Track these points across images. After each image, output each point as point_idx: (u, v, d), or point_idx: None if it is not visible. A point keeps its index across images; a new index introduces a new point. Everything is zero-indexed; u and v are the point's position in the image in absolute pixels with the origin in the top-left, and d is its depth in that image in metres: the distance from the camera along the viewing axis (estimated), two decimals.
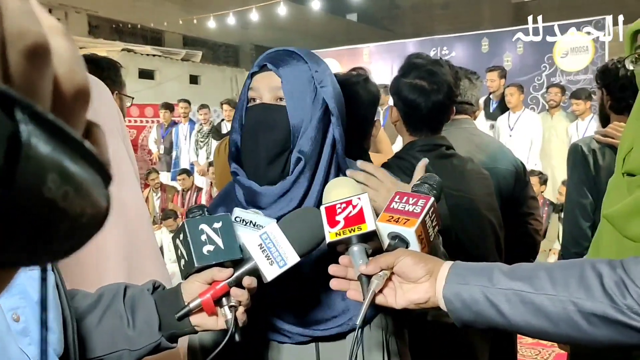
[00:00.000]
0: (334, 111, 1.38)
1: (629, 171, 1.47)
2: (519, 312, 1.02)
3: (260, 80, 1.36)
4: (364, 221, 1.12)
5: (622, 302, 0.96)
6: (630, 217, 1.39)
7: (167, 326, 1.14)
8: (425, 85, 2.09)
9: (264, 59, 1.38)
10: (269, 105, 1.35)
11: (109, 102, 1.96)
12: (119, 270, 1.70)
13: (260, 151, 1.34)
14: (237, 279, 1.13)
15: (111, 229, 1.74)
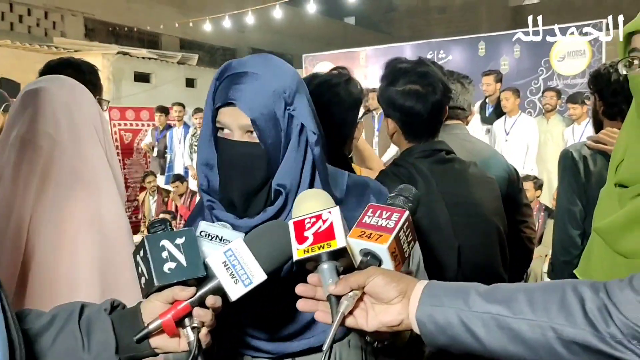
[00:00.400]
0: (313, 131, 1.29)
1: (620, 182, 1.40)
2: (496, 338, 0.95)
3: (227, 116, 1.25)
4: (334, 237, 1.04)
5: (605, 330, 0.89)
6: (621, 231, 1.32)
7: (124, 349, 1.06)
8: (419, 89, 2.01)
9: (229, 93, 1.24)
10: (243, 143, 1.25)
11: (90, 108, 1.90)
12: (92, 283, 1.64)
13: (238, 189, 1.27)
14: (200, 298, 1.05)
15: (85, 241, 1.67)
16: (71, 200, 1.68)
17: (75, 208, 1.68)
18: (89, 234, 1.67)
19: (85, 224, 1.67)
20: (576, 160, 2.38)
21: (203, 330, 1.06)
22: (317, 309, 1.07)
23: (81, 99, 1.88)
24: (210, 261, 1.07)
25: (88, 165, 1.77)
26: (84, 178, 1.72)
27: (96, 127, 1.87)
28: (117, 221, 1.77)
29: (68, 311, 1.10)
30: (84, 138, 1.79)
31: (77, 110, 1.81)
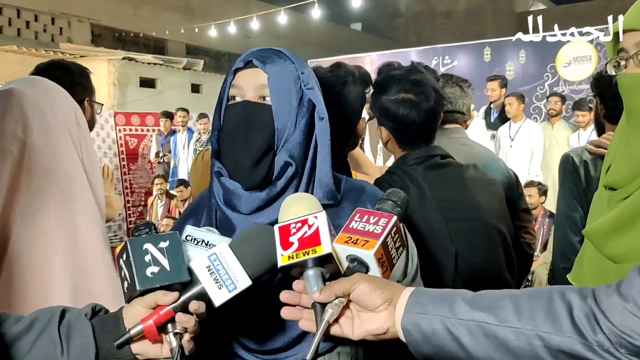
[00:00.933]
0: (323, 115, 1.31)
1: (608, 184, 1.36)
2: (482, 346, 0.93)
3: (244, 77, 1.29)
4: (320, 243, 1.02)
5: (593, 338, 0.86)
6: (609, 235, 1.28)
7: (105, 354, 1.04)
8: (412, 97, 1.98)
9: (250, 55, 1.30)
10: (253, 103, 1.27)
11: (65, 111, 1.82)
12: (64, 291, 1.59)
13: (243, 152, 1.26)
14: (184, 303, 1.03)
15: (57, 249, 1.61)
16: (43, 206, 1.62)
17: (46, 214, 1.62)
18: (61, 241, 1.61)
19: (57, 231, 1.61)
20: (577, 165, 2.34)
21: (186, 337, 1.04)
22: (302, 317, 1.04)
23: (55, 101, 1.80)
24: (194, 265, 1.05)
25: (61, 170, 1.70)
26: (57, 183, 1.66)
27: (71, 130, 1.79)
28: (91, 228, 1.71)
29: (48, 316, 1.08)
30: (58, 142, 1.72)
31: (51, 113, 1.74)
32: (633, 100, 1.27)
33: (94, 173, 1.83)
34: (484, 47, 10.33)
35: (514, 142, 7.41)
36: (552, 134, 7.67)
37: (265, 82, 1.27)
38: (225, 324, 1.22)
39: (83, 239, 1.65)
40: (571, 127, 7.70)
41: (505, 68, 9.85)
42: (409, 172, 1.97)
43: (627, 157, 1.30)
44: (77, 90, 2.40)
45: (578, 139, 7.16)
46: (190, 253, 1.09)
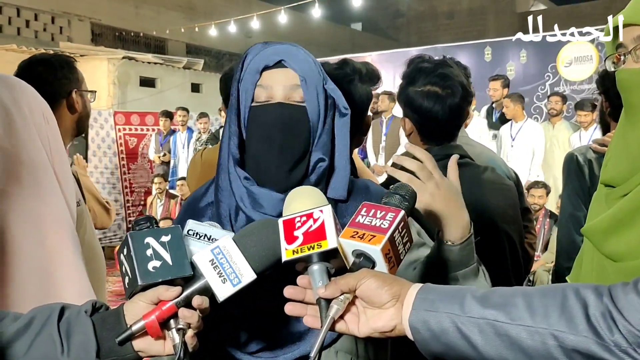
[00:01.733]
0: (346, 110, 1.30)
1: (606, 181, 1.34)
2: (493, 345, 0.90)
3: (274, 77, 1.26)
4: (325, 237, 0.99)
5: (609, 338, 0.83)
6: (607, 233, 1.26)
7: (106, 352, 1.01)
8: (438, 91, 1.98)
9: (278, 54, 1.27)
10: (288, 105, 1.25)
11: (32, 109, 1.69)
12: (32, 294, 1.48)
13: (280, 156, 1.24)
14: (187, 298, 1.01)
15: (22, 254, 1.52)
16: (7, 210, 1.52)
17: (11, 217, 1.52)
18: (28, 246, 1.51)
19: (23, 235, 1.51)
20: (581, 165, 2.32)
21: (189, 333, 1.01)
22: (306, 313, 1.01)
23: (21, 98, 1.68)
24: (197, 259, 1.02)
25: (28, 171, 1.59)
26: (22, 185, 1.56)
27: (38, 129, 1.68)
28: (59, 232, 1.61)
29: (47, 313, 1.05)
30: (24, 141, 1.61)
31: (17, 112, 1.63)
32: (630, 95, 1.25)
33: (64, 172, 1.72)
34: (485, 47, 10.32)
35: (515, 142, 7.40)
36: (553, 133, 7.66)
37: (297, 82, 1.26)
38: (227, 320, 1.20)
39: (51, 243, 1.55)
40: (572, 127, 7.69)
41: (506, 68, 9.83)
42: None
43: (624, 153, 1.28)
44: (62, 83, 2.37)
45: (579, 139, 7.14)
46: (193, 247, 1.07)
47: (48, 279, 1.49)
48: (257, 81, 1.26)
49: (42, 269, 1.50)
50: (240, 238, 1.05)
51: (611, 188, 1.33)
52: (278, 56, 1.26)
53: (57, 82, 2.35)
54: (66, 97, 2.39)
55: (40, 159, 1.61)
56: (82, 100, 2.45)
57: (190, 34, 17.26)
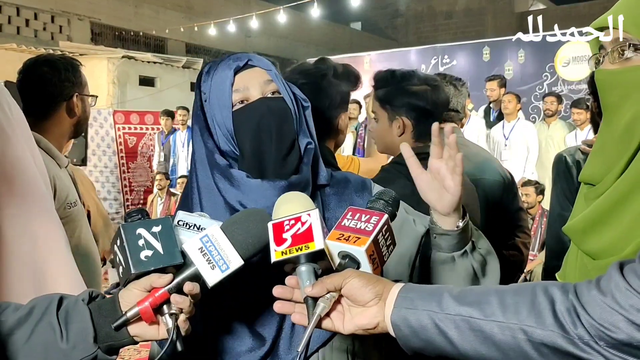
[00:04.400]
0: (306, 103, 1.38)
1: (584, 180, 1.38)
2: (468, 340, 0.96)
3: (248, 77, 1.33)
4: (312, 239, 1.05)
5: (573, 332, 0.89)
6: (586, 231, 1.30)
7: (103, 337, 1.06)
8: (430, 88, 2.17)
9: (243, 58, 1.34)
10: (269, 99, 1.32)
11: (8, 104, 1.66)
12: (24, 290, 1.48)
13: (276, 146, 1.30)
14: (178, 285, 1.06)
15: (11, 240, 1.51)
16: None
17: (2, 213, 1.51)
18: (17, 240, 1.51)
19: (13, 230, 1.51)
20: (569, 165, 2.36)
21: (181, 317, 1.06)
22: (294, 310, 1.07)
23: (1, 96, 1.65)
24: (187, 247, 1.07)
25: (15, 168, 1.58)
26: (9, 180, 1.55)
27: (20, 124, 1.66)
28: (47, 225, 1.61)
29: (46, 303, 1.10)
30: (9, 138, 1.59)
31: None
32: (605, 95, 1.29)
33: (41, 167, 1.71)
34: (483, 46, 10.36)
35: (508, 142, 7.43)
36: (549, 133, 7.68)
37: (268, 77, 1.33)
38: (218, 318, 1.26)
39: (40, 237, 1.56)
40: (568, 127, 7.72)
41: (505, 68, 9.87)
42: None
43: (600, 152, 1.32)
44: (65, 86, 2.39)
45: (575, 139, 7.17)
46: (183, 237, 1.12)
47: (41, 273, 1.51)
48: (232, 85, 1.31)
49: (33, 264, 1.52)
50: (228, 226, 1.10)
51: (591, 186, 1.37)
52: (246, 58, 1.34)
53: (60, 84, 2.37)
54: (67, 100, 2.41)
55: (24, 157, 1.62)
56: (83, 104, 2.47)
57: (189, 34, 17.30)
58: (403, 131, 2.19)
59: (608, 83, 1.27)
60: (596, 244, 1.27)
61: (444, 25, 23.45)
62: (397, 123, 2.19)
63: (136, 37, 17.71)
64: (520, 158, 7.42)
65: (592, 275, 0.95)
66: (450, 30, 22.68)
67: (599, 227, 1.26)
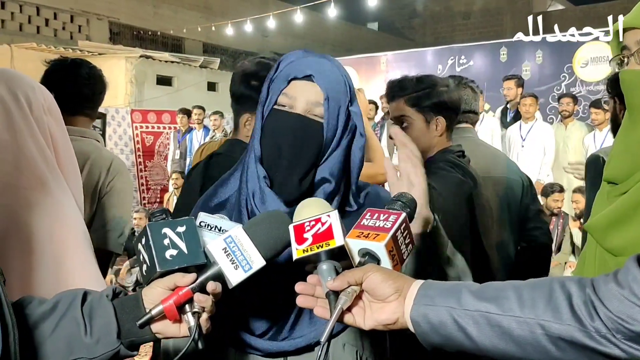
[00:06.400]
0: (361, 133, 1.34)
1: (608, 178, 1.39)
2: (487, 336, 0.97)
3: (299, 89, 1.30)
4: (333, 237, 1.07)
5: (590, 325, 0.89)
6: (608, 228, 1.31)
7: (126, 333, 1.09)
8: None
9: (310, 68, 1.30)
10: (306, 119, 1.29)
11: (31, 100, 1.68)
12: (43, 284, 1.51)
13: (291, 165, 1.29)
14: (201, 284, 1.09)
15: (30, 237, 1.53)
16: (16, 202, 1.52)
17: (20, 210, 1.52)
18: (36, 237, 1.53)
19: (32, 227, 1.52)
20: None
21: (203, 316, 1.09)
22: (316, 304, 1.09)
23: (18, 90, 1.65)
24: (211, 247, 1.10)
25: (31, 162, 1.58)
26: (27, 177, 1.56)
27: (38, 121, 1.67)
28: (67, 223, 1.62)
29: (70, 297, 1.13)
30: (24, 134, 1.60)
31: (13, 103, 1.61)
32: (632, 95, 1.30)
33: (69, 163, 1.73)
34: (501, 47, 10.28)
35: (525, 142, 7.40)
36: (566, 134, 7.64)
37: (321, 100, 1.29)
38: (233, 314, 1.28)
39: (59, 235, 1.57)
40: (586, 128, 7.67)
41: (522, 68, 9.80)
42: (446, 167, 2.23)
43: (626, 151, 1.33)
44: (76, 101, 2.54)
45: (594, 140, 7.12)
46: (205, 238, 1.14)
47: (59, 268, 1.53)
48: (284, 89, 1.30)
49: (52, 260, 1.53)
50: (250, 228, 1.13)
51: (613, 185, 1.38)
52: (309, 70, 1.30)
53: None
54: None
55: (42, 152, 1.62)
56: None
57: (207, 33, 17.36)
58: (443, 131, 2.30)
59: (635, 83, 1.29)
60: (618, 241, 1.28)
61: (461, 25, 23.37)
62: (434, 123, 2.28)
63: (154, 36, 17.82)
64: (537, 159, 7.39)
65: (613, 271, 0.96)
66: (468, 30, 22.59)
67: (622, 224, 1.28)
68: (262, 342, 1.27)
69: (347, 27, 22.71)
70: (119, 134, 10.99)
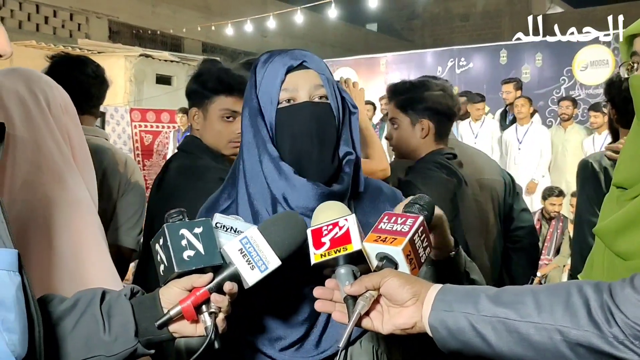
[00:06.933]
0: (355, 110, 1.38)
1: (618, 183, 1.41)
2: (505, 341, 0.98)
3: (299, 78, 1.32)
4: (350, 242, 1.08)
5: (608, 331, 0.90)
6: (618, 232, 1.33)
7: (143, 332, 1.11)
8: (448, 93, 2.40)
9: (299, 57, 1.34)
10: (317, 103, 1.32)
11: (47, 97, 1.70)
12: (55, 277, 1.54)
13: (321, 148, 1.31)
14: (218, 284, 1.10)
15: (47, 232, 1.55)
16: (34, 198, 1.54)
17: (38, 205, 1.54)
18: (54, 241, 1.55)
19: (49, 223, 1.54)
20: (596, 171, 2.36)
21: (220, 316, 1.10)
22: (335, 309, 1.10)
23: (37, 89, 1.69)
24: (227, 248, 1.11)
25: (49, 159, 1.61)
26: (43, 174, 1.57)
27: (56, 119, 1.69)
28: (83, 218, 1.64)
29: (90, 296, 1.15)
30: (42, 132, 1.63)
31: (32, 100, 1.64)
32: None
33: (84, 160, 1.75)
34: (501, 49, 10.33)
35: (522, 145, 7.44)
36: (565, 137, 7.67)
37: (320, 82, 1.32)
38: (251, 324, 1.29)
39: (76, 230, 1.59)
40: (585, 131, 7.70)
41: (522, 71, 9.84)
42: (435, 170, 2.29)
43: (634, 156, 1.35)
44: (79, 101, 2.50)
45: (593, 143, 7.15)
46: (221, 239, 1.16)
47: (77, 262, 1.55)
48: (282, 84, 1.32)
49: (70, 254, 1.55)
50: (265, 228, 1.14)
51: (623, 190, 1.39)
52: (301, 57, 1.34)
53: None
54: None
55: (59, 149, 1.65)
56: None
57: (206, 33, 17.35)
58: (427, 133, 2.34)
59: None
60: (628, 245, 1.29)
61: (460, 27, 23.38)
62: (420, 126, 2.34)
63: (153, 35, 17.79)
64: (533, 161, 7.44)
65: (622, 276, 0.96)
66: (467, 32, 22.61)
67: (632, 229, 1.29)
68: (280, 355, 1.28)
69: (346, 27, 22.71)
70: (117, 133, 10.97)
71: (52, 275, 1.51)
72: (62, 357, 1.09)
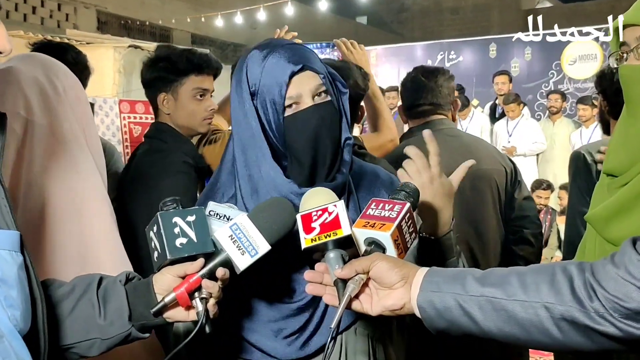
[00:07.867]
0: (344, 89, 1.39)
1: (608, 171, 1.44)
2: (492, 319, 1.01)
3: (301, 82, 1.30)
4: (340, 226, 1.11)
5: (590, 305, 0.94)
6: (609, 219, 1.36)
7: (137, 317, 1.14)
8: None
9: (300, 60, 1.29)
10: (322, 105, 1.32)
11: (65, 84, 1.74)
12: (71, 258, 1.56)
13: (329, 150, 1.32)
14: (210, 271, 1.13)
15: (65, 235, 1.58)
16: (48, 184, 1.56)
17: (53, 191, 1.56)
18: (66, 217, 1.58)
19: (62, 208, 1.57)
20: (588, 162, 2.36)
21: (211, 302, 1.13)
22: (325, 292, 1.13)
23: (54, 75, 1.71)
24: (218, 235, 1.13)
25: (65, 146, 1.64)
26: (59, 159, 1.60)
27: (72, 105, 1.72)
28: (95, 203, 1.67)
29: (87, 281, 1.18)
30: (59, 118, 1.65)
31: (50, 87, 1.67)
32: (631, 90, 1.35)
33: (95, 146, 1.77)
34: (490, 43, 10.36)
35: (511, 138, 7.51)
36: (553, 131, 7.75)
37: (319, 80, 1.32)
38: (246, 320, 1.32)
39: (88, 215, 1.62)
40: (573, 125, 7.77)
41: (511, 65, 9.88)
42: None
43: (625, 144, 1.37)
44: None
45: (580, 137, 7.22)
46: (213, 226, 1.18)
47: (87, 246, 1.58)
48: (286, 92, 1.29)
49: (82, 240, 1.59)
50: (254, 215, 1.17)
51: (613, 177, 1.42)
52: (302, 61, 1.29)
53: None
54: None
55: (75, 135, 1.68)
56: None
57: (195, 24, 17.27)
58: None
59: (633, 78, 1.33)
60: (619, 231, 1.32)
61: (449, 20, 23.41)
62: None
63: (142, 26, 17.70)
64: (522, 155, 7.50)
65: None
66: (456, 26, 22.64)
67: (623, 215, 1.32)
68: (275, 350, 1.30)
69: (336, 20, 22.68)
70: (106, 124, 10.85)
71: (64, 259, 1.54)
72: (61, 338, 1.13)
